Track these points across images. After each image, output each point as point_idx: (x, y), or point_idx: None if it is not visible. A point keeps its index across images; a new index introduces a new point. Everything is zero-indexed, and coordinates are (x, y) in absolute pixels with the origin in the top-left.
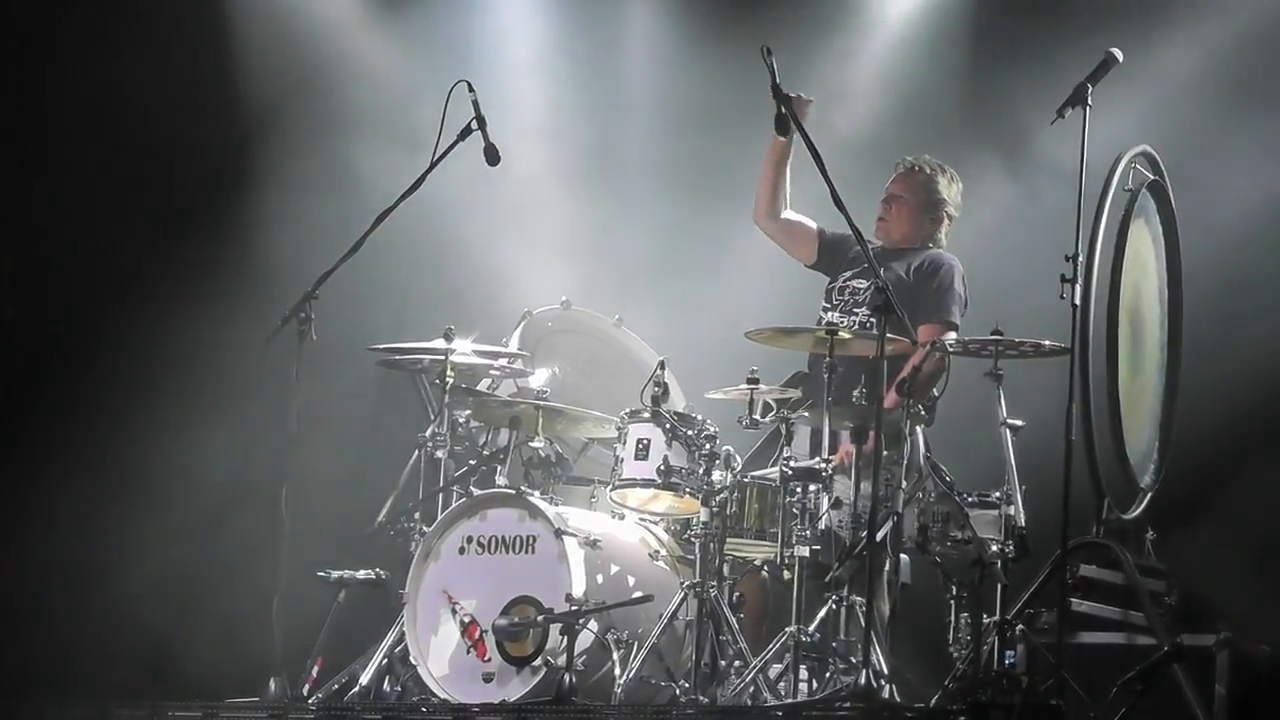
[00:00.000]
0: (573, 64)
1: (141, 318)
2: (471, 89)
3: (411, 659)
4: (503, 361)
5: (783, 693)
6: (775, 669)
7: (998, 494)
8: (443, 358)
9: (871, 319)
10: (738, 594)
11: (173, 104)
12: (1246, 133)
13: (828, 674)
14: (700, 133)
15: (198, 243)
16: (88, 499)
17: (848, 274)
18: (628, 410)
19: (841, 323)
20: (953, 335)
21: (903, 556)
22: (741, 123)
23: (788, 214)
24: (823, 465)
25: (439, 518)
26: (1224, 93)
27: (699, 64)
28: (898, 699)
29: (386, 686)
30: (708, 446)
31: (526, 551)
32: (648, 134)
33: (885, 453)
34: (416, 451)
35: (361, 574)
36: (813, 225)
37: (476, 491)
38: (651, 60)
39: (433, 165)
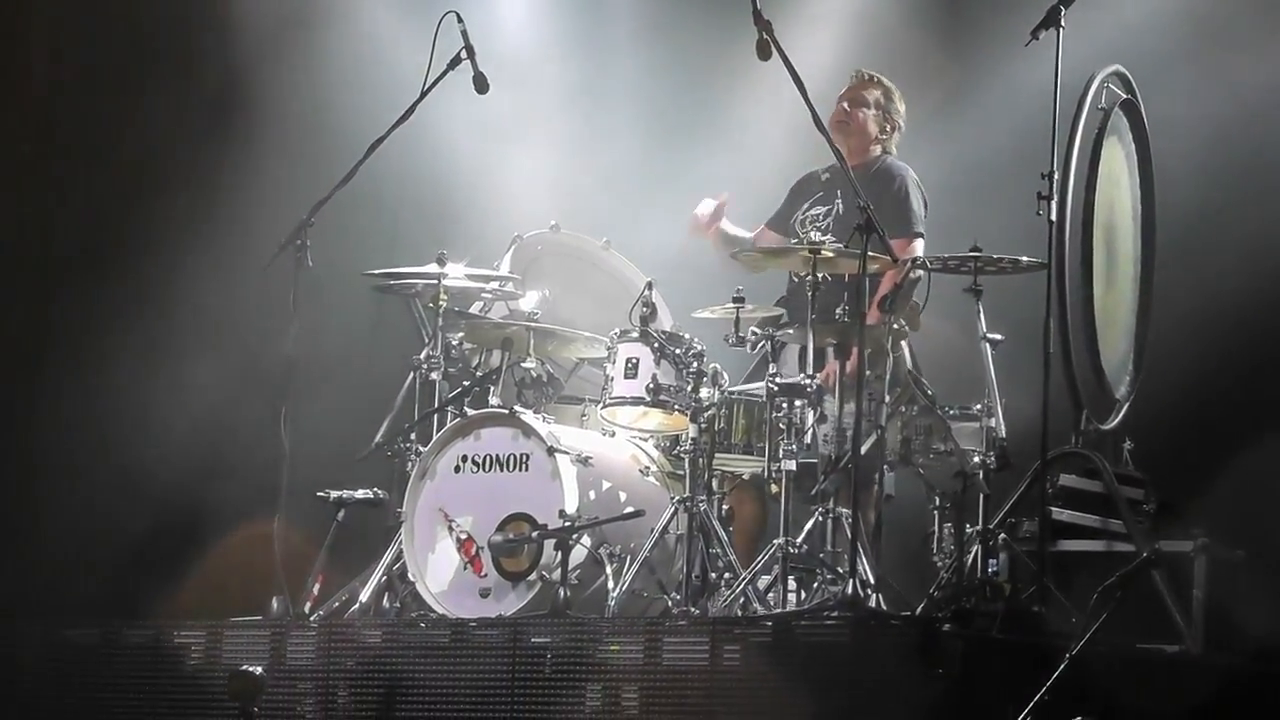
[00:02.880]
0: None
1: (140, 246)
2: (460, 19)
3: (410, 576)
4: (494, 285)
5: (772, 603)
6: (764, 580)
7: (979, 407)
8: (435, 282)
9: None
10: (727, 507)
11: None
12: (1216, 52)
13: (815, 584)
14: (685, 56)
15: (193, 174)
16: (89, 422)
17: (806, 204)
18: (617, 330)
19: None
20: (920, 244)
21: (887, 469)
22: (725, 45)
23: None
24: (808, 381)
25: (434, 438)
26: (1194, 14)
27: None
28: (884, 607)
29: (386, 603)
30: (695, 364)
31: (520, 469)
32: (634, 57)
33: (869, 371)
34: (411, 374)
35: (360, 494)
36: (764, 228)
37: (470, 412)
38: None
39: (423, 94)
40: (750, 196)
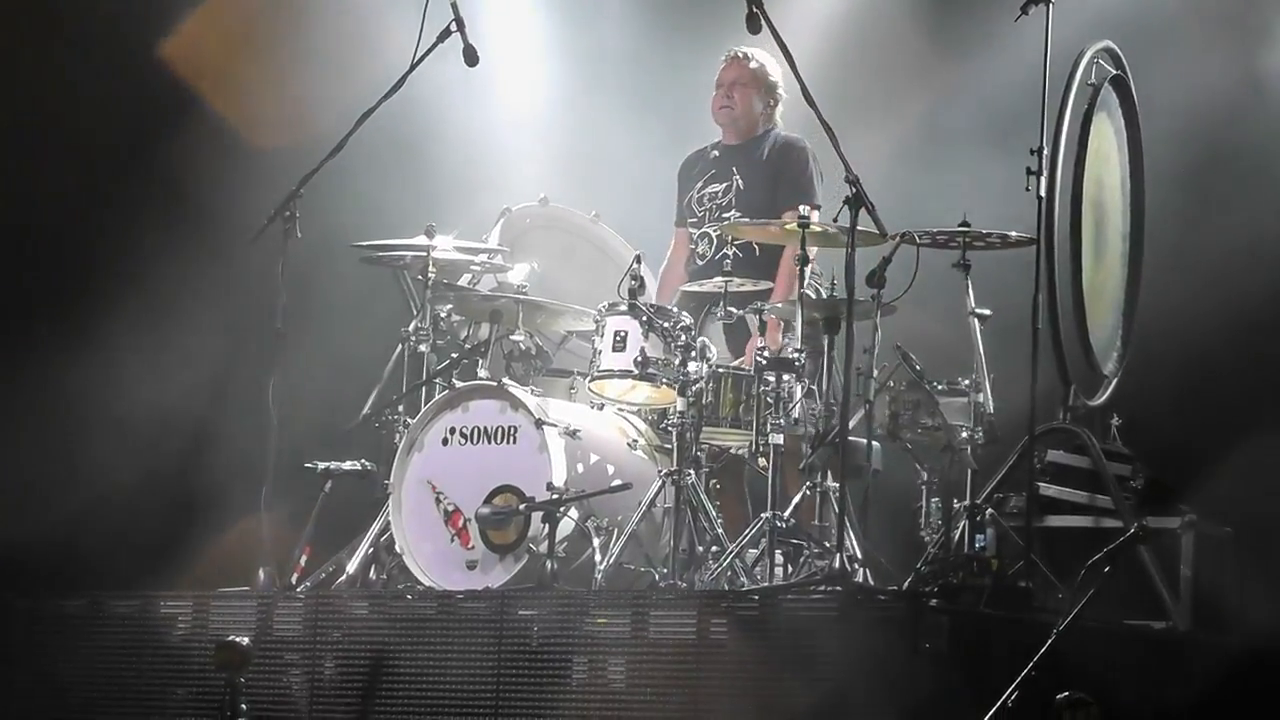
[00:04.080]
0: None
1: (126, 217)
2: None
3: (397, 548)
4: (483, 257)
5: (759, 577)
6: (751, 554)
7: (967, 382)
8: (424, 254)
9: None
10: (714, 481)
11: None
12: (1209, 27)
13: (802, 558)
14: (677, 30)
15: (180, 143)
16: (78, 393)
17: (699, 183)
18: (605, 303)
19: (712, 231)
20: (817, 215)
21: (874, 443)
22: (716, 19)
23: (674, 257)
24: (797, 355)
25: (422, 410)
26: None
27: None
28: (871, 582)
29: (373, 575)
30: (683, 338)
31: (508, 442)
32: (626, 31)
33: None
34: (400, 346)
35: (348, 465)
36: (678, 230)
37: (459, 384)
38: None
39: (413, 67)
40: None
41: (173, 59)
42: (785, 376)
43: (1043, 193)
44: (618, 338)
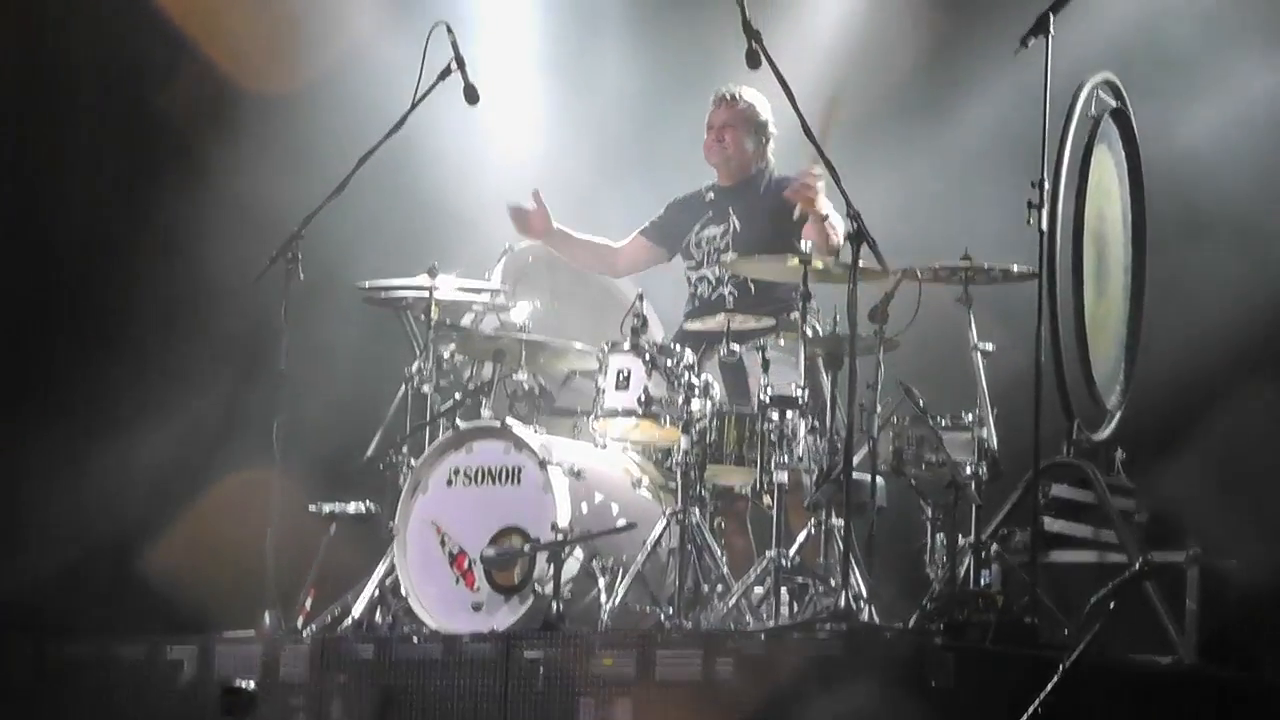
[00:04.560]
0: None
1: (130, 262)
2: (450, 30)
3: (402, 590)
4: (485, 296)
5: (765, 616)
6: (757, 593)
7: (970, 417)
8: (427, 294)
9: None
10: (719, 520)
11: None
12: (1208, 59)
13: (808, 597)
14: (675, 65)
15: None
16: (82, 437)
17: (696, 226)
18: (608, 342)
19: (710, 273)
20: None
21: (878, 480)
22: (715, 55)
23: (619, 249)
24: (800, 393)
25: (426, 451)
26: (1185, 21)
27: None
28: (877, 619)
29: (378, 617)
30: (687, 376)
31: (512, 482)
32: (623, 69)
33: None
34: (403, 386)
35: (352, 507)
36: (637, 236)
37: (462, 424)
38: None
39: (414, 106)
40: None
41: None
42: (789, 414)
43: (1044, 226)
44: (621, 377)
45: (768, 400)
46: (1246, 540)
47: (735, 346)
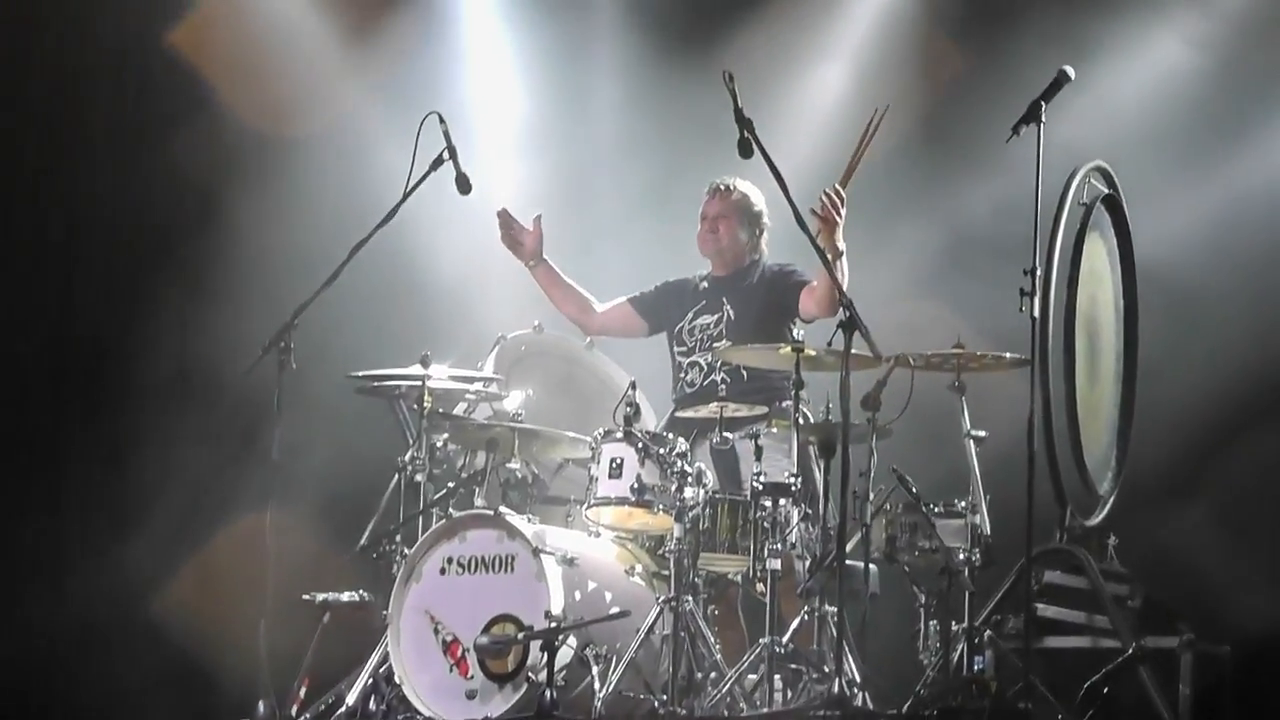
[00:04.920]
0: (541, 89)
1: (122, 343)
2: (442, 120)
3: (396, 678)
4: (478, 385)
5: (759, 702)
6: (750, 679)
7: (963, 504)
8: (419, 383)
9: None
10: (712, 607)
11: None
12: (1196, 148)
13: (802, 683)
14: (669, 155)
15: (177, 275)
16: (71, 532)
17: (689, 314)
18: (601, 430)
19: (702, 360)
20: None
21: (872, 566)
22: (709, 143)
23: (600, 308)
24: (793, 480)
25: (419, 540)
26: (1175, 108)
27: (665, 84)
28: (871, 706)
29: (372, 706)
30: (679, 464)
31: (506, 570)
32: (618, 157)
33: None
34: (396, 475)
35: (345, 596)
36: (623, 302)
37: (455, 513)
38: (618, 82)
39: (406, 195)
40: None
41: None
42: (781, 501)
43: (1036, 313)
44: (614, 465)
45: (760, 488)
46: (1240, 625)
47: (728, 434)
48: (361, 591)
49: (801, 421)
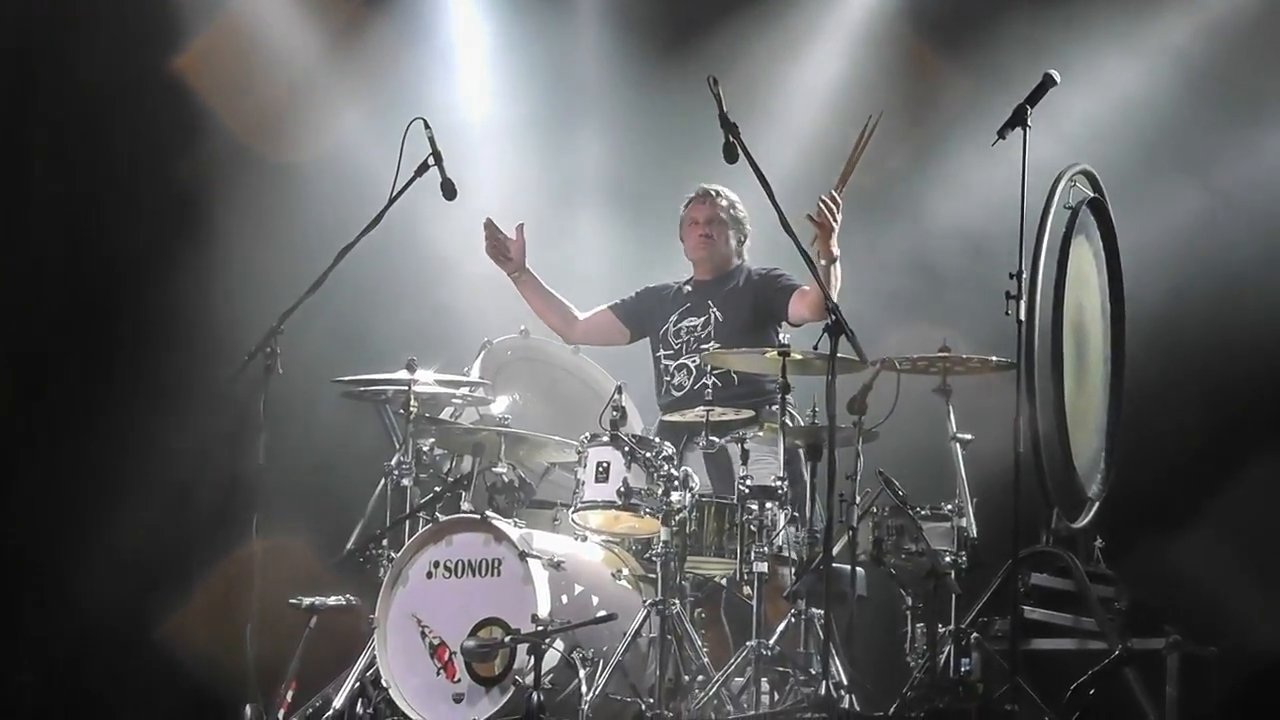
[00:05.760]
0: (525, 98)
1: (106, 350)
2: (428, 126)
3: (383, 682)
4: (464, 390)
5: (745, 706)
6: (737, 682)
7: (949, 506)
8: (406, 388)
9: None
10: (699, 610)
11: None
12: (1182, 150)
13: (788, 686)
14: (655, 161)
15: (162, 281)
16: (60, 529)
17: (674, 317)
18: (587, 434)
19: (690, 362)
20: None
21: (858, 569)
22: (695, 147)
23: (582, 317)
24: (779, 484)
25: (406, 544)
26: (1161, 111)
27: (650, 89)
28: (858, 708)
29: (359, 709)
30: (666, 468)
31: (492, 574)
32: (603, 163)
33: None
34: (382, 480)
35: (332, 600)
36: (604, 310)
37: (442, 517)
38: (603, 86)
39: (391, 201)
40: None
41: None
42: (768, 504)
43: (1022, 317)
44: (600, 469)
45: (747, 491)
46: (1226, 626)
47: (715, 438)
48: (348, 595)
49: (788, 425)
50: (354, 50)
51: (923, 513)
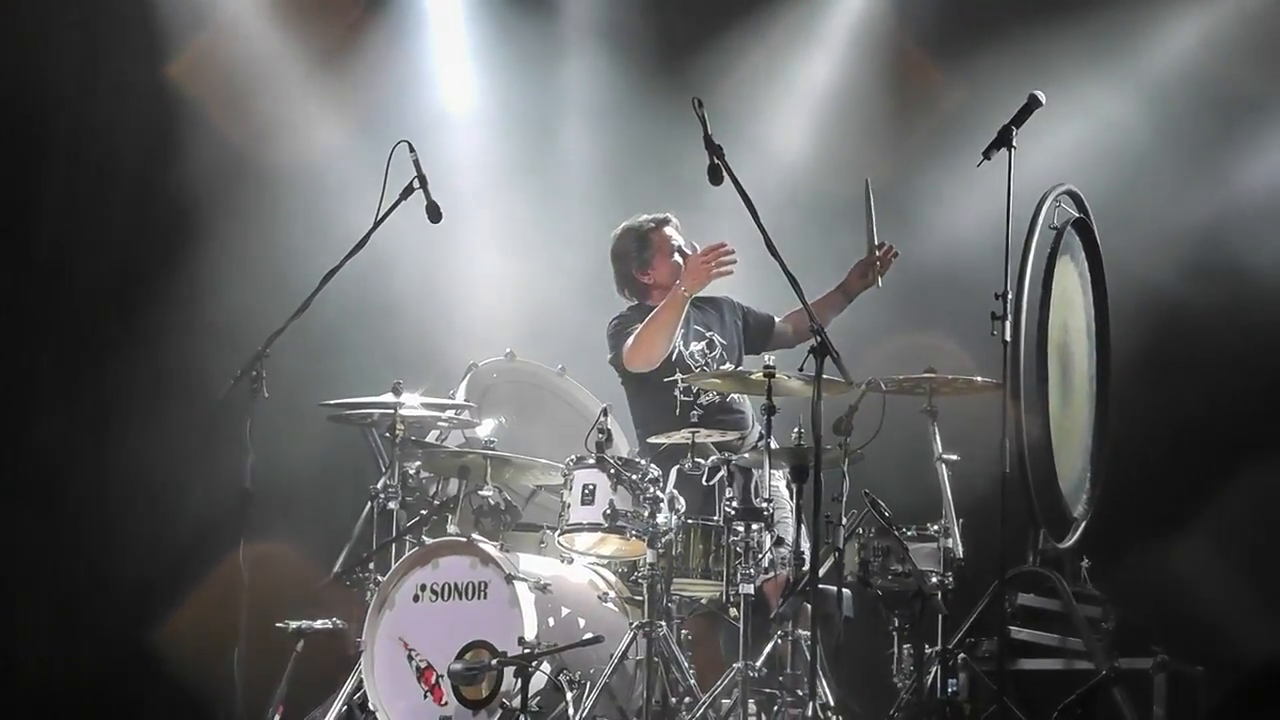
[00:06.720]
0: (510, 121)
1: (92, 375)
2: (412, 149)
3: (370, 706)
4: (450, 413)
5: None
6: (724, 704)
7: (936, 527)
8: (392, 411)
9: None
10: (685, 632)
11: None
12: (1167, 170)
13: (776, 707)
14: (638, 185)
15: (147, 306)
16: (46, 553)
17: (679, 343)
18: (573, 457)
19: (689, 385)
20: None
21: (845, 590)
22: (677, 173)
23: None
24: (765, 505)
25: (393, 567)
26: (1146, 131)
27: (635, 116)
28: None
29: None
30: (652, 490)
31: (479, 597)
32: (586, 188)
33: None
34: (369, 503)
35: (319, 624)
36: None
37: (428, 540)
38: (588, 109)
39: (376, 224)
40: None
41: None
42: (754, 526)
43: (1008, 337)
44: (586, 491)
45: (733, 513)
46: (1213, 646)
47: (700, 460)
48: (335, 619)
49: (774, 447)
50: (340, 72)
51: (909, 533)
